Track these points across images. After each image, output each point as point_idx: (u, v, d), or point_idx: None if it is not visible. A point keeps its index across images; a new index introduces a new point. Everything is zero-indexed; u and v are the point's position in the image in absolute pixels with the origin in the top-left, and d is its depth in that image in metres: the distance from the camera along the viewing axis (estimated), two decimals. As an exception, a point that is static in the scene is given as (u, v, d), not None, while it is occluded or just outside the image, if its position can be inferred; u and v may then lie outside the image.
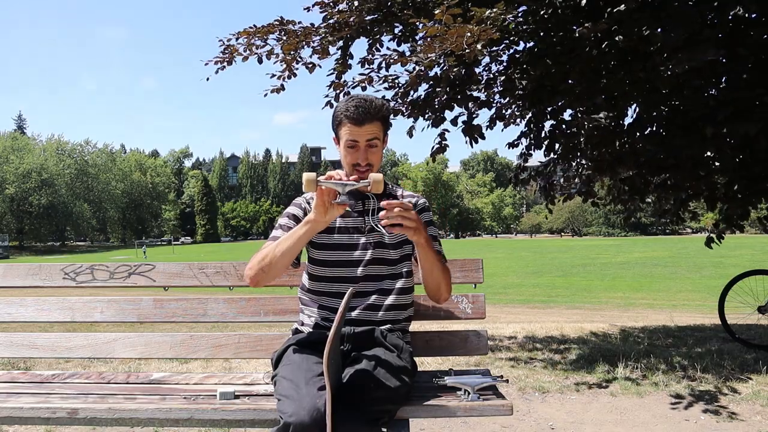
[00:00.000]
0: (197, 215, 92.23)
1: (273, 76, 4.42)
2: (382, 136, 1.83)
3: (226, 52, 4.27)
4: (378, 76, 4.29)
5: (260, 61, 4.32)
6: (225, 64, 4.32)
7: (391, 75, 4.27)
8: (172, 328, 4.86)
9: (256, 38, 4.22)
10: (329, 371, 1.41)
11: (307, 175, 1.59)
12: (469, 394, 1.71)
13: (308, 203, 1.90)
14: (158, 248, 67.83)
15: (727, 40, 3.74)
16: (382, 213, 1.59)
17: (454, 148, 4.91)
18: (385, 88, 4.46)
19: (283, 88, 4.47)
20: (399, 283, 1.85)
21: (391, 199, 1.86)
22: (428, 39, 3.32)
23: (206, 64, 4.31)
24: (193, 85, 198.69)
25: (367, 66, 4.47)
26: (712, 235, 5.16)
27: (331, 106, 4.51)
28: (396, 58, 4.03)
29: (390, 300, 1.83)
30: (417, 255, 1.79)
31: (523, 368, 4.12)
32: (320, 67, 4.44)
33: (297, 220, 1.86)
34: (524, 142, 5.35)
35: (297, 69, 4.40)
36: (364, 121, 1.75)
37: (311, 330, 1.84)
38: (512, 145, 5.46)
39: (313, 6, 4.31)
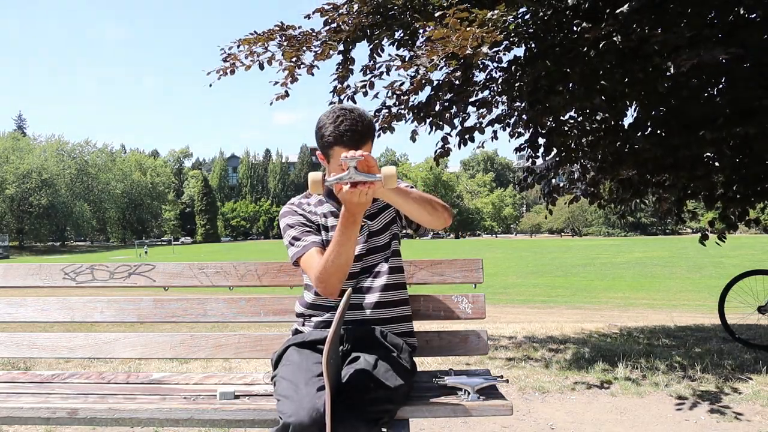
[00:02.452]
0: (197, 215, 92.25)
1: (276, 83, 4.39)
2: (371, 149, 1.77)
3: (228, 61, 4.26)
4: (380, 82, 4.28)
5: (262, 67, 4.29)
6: (228, 73, 4.31)
7: (395, 81, 4.24)
8: (172, 328, 4.86)
9: (257, 46, 4.21)
10: (328, 371, 1.41)
11: (312, 176, 1.52)
12: (469, 394, 1.71)
13: (299, 206, 1.89)
14: (158, 248, 67.83)
15: (729, 39, 3.74)
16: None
17: (455, 148, 4.92)
18: (388, 96, 4.45)
19: (287, 94, 4.44)
20: (388, 264, 1.86)
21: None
22: (431, 42, 3.32)
23: (208, 74, 4.28)
24: (194, 85, 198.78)
25: (369, 72, 4.46)
26: (707, 232, 5.15)
27: None
28: (399, 64, 4.01)
29: (383, 280, 1.83)
30: (402, 214, 1.80)
31: (523, 368, 4.12)
32: (318, 68, 4.41)
33: (305, 225, 1.84)
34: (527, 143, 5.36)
35: (300, 75, 4.38)
36: (359, 145, 1.66)
37: (311, 330, 1.84)
38: (519, 149, 5.48)
39: (314, 13, 4.30)
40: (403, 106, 4.52)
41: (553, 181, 5.71)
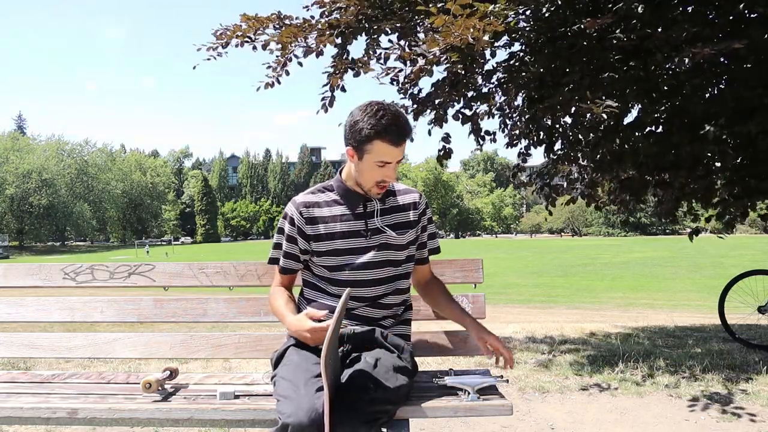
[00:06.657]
0: (197, 215, 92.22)
1: (269, 67, 4.29)
2: None
3: (222, 37, 4.15)
4: (381, 67, 4.20)
5: (255, 48, 4.20)
6: (220, 48, 4.17)
7: (394, 67, 4.19)
8: (172, 328, 4.84)
9: (252, 32, 4.14)
10: (327, 372, 1.41)
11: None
12: (469, 394, 1.71)
13: (299, 212, 1.83)
14: (158, 248, 67.82)
15: (729, 38, 3.74)
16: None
17: (455, 147, 4.90)
18: (389, 81, 4.38)
19: (278, 81, 4.32)
20: (399, 284, 1.85)
21: (389, 196, 1.85)
22: (432, 33, 3.31)
23: (198, 49, 4.09)
24: (194, 85, 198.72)
25: (364, 67, 4.43)
26: (701, 229, 5.14)
27: (328, 107, 4.44)
28: (398, 51, 3.97)
29: (390, 299, 1.83)
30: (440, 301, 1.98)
31: (523, 368, 4.12)
32: (317, 56, 4.33)
33: (294, 241, 1.84)
34: (523, 142, 5.33)
35: (291, 62, 4.29)
36: (401, 143, 1.68)
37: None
38: (511, 144, 5.43)
39: (312, 5, 4.28)
40: (402, 93, 4.48)
41: (552, 180, 5.69)
